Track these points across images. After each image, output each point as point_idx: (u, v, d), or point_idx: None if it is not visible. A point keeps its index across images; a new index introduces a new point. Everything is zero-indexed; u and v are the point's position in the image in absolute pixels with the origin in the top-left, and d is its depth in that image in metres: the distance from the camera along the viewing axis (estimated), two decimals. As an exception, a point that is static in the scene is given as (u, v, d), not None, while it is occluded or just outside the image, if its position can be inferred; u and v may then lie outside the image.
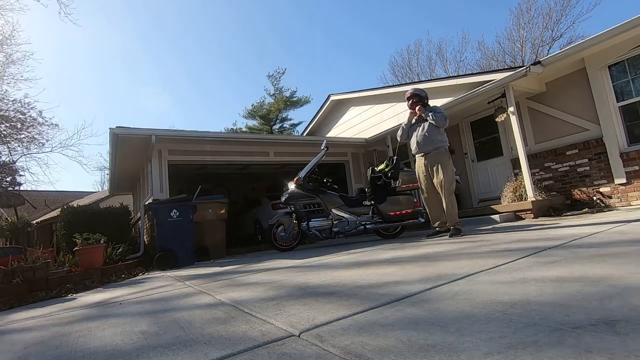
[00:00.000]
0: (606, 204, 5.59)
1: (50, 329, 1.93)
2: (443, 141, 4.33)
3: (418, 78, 24.68)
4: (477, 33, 43.70)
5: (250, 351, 1.11)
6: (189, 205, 5.53)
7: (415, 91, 4.51)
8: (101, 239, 4.76)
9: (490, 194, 7.33)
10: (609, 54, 5.48)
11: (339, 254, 3.75)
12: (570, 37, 20.13)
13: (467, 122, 7.86)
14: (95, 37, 44.15)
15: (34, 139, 12.08)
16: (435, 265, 2.22)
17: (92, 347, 1.41)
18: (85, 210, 7.03)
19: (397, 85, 11.58)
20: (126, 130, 6.26)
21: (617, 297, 1.13)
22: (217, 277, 3.16)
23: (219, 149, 7.58)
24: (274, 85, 24.79)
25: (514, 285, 1.45)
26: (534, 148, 6.54)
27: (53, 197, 18.41)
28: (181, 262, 5.14)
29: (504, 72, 6.15)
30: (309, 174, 5.32)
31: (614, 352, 0.76)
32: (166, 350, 1.23)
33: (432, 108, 4.43)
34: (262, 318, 1.48)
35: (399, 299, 1.47)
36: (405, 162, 8.60)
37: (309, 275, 2.49)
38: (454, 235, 4.05)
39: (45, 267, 3.72)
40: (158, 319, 1.74)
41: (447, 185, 4.20)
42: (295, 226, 5.25)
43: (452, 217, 4.20)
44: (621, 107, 5.55)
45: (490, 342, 0.91)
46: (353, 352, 0.97)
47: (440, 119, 4.26)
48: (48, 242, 12.90)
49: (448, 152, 4.34)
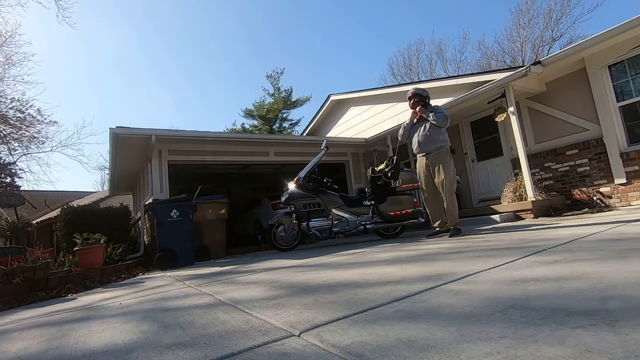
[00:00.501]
0: (606, 204, 5.59)
1: (50, 329, 1.93)
2: (444, 141, 4.33)
3: (418, 78, 24.70)
4: (478, 33, 43.78)
5: (250, 351, 1.10)
6: (189, 205, 5.53)
7: (416, 91, 4.50)
8: (101, 239, 4.76)
9: (490, 194, 7.33)
10: (609, 54, 5.48)
11: (339, 254, 3.75)
12: (571, 37, 20.16)
13: (467, 122, 7.86)
14: (95, 37, 44.18)
15: (34, 137, 12.08)
16: (435, 265, 2.22)
17: (92, 347, 1.41)
18: (85, 210, 7.03)
19: (397, 85, 11.58)
20: (126, 130, 6.26)
21: (617, 297, 1.13)
22: (217, 277, 3.16)
23: (219, 149, 7.58)
24: (273, 85, 24.85)
25: (514, 285, 1.45)
26: (534, 148, 6.54)
27: (53, 197, 18.41)
28: (181, 262, 5.14)
29: (504, 72, 6.15)
30: (309, 174, 5.32)
31: (614, 352, 0.76)
32: (166, 350, 1.23)
33: (433, 108, 4.42)
34: (262, 318, 1.48)
35: (399, 299, 1.47)
36: (405, 162, 8.61)
37: (309, 275, 2.49)
38: (454, 235, 4.05)
39: (45, 267, 3.72)
40: (158, 319, 1.74)
41: (448, 186, 4.20)
42: (295, 226, 5.25)
43: (452, 217, 4.20)
44: (621, 107, 5.55)
45: (490, 342, 0.91)
46: (353, 352, 0.97)
47: (441, 118, 4.26)
48: (48, 242, 12.89)
49: (449, 152, 4.34)
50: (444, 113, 4.31)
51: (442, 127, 4.31)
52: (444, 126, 4.31)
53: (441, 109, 4.38)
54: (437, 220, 4.44)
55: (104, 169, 27.21)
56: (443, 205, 4.31)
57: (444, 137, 4.34)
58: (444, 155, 4.28)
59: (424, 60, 28.59)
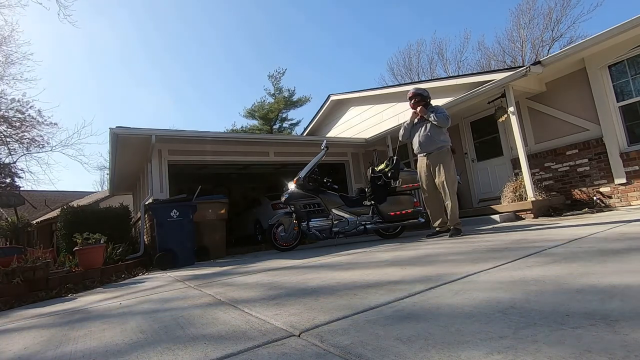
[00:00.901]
0: (606, 204, 5.59)
1: (50, 328, 1.93)
2: (445, 141, 4.33)
3: (418, 78, 24.71)
4: (478, 33, 43.79)
5: (250, 351, 1.11)
6: (189, 205, 5.53)
7: (417, 91, 4.50)
8: (101, 239, 4.76)
9: (490, 194, 7.33)
10: (609, 54, 5.48)
11: (339, 254, 3.75)
12: (571, 37, 20.17)
13: (467, 122, 7.86)
14: (95, 38, 44.18)
15: (34, 139, 12.08)
16: (435, 265, 2.22)
17: (92, 347, 1.41)
18: (85, 210, 7.03)
19: (397, 85, 11.58)
20: (126, 130, 6.26)
21: (617, 297, 1.13)
22: (217, 277, 3.16)
23: (219, 149, 7.58)
24: (274, 85, 24.85)
25: (514, 285, 1.45)
26: (534, 148, 6.54)
27: (53, 197, 18.40)
28: (181, 262, 5.14)
29: (504, 72, 6.15)
30: (309, 174, 5.32)
31: (614, 352, 0.76)
32: (166, 350, 1.23)
33: (434, 108, 4.42)
34: (262, 318, 1.48)
35: (399, 299, 1.47)
36: (405, 162, 8.61)
37: (309, 275, 2.49)
38: (454, 235, 4.06)
39: (46, 267, 3.72)
40: (158, 319, 1.74)
41: (449, 185, 4.20)
42: (295, 226, 5.25)
43: (453, 217, 4.20)
44: (621, 107, 5.55)
45: (490, 342, 0.91)
46: (353, 352, 0.97)
47: (442, 119, 4.26)
48: (48, 242, 12.89)
49: (450, 152, 4.34)
50: (444, 113, 4.30)
51: (443, 128, 4.32)
52: (445, 126, 4.31)
53: (442, 109, 4.38)
54: (437, 220, 4.44)
55: (104, 169, 27.21)
56: (443, 205, 4.31)
57: (444, 137, 4.34)
58: (445, 155, 4.28)
59: (424, 60, 28.62)
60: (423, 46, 33.12)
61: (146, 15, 45.21)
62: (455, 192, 4.28)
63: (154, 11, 44.74)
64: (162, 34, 48.90)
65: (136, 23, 46.58)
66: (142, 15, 44.91)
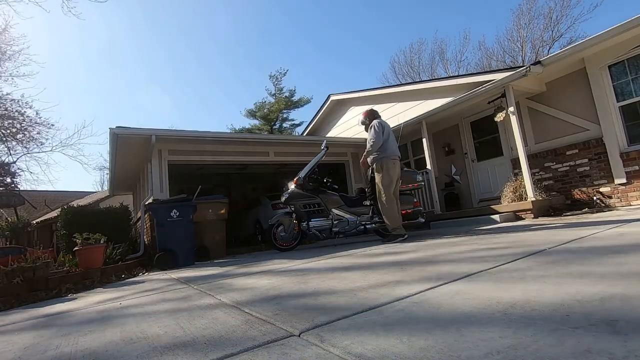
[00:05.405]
0: (606, 204, 5.59)
1: (51, 328, 1.93)
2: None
3: (419, 77, 24.72)
4: (478, 33, 43.76)
5: (250, 351, 1.11)
6: (189, 205, 5.53)
7: (360, 120, 5.07)
8: (101, 239, 4.75)
9: (490, 194, 7.32)
10: (609, 54, 5.48)
11: (339, 254, 3.75)
12: (571, 37, 20.18)
13: (467, 122, 7.86)
14: (95, 37, 44.17)
15: (33, 138, 12.07)
16: (435, 265, 2.22)
17: (93, 347, 1.41)
18: (85, 210, 7.02)
19: (397, 85, 11.56)
20: (126, 131, 6.26)
21: (617, 297, 1.13)
22: (217, 277, 3.16)
23: (219, 149, 7.58)
24: (275, 86, 24.85)
25: (514, 285, 1.45)
26: (534, 148, 6.53)
27: (53, 197, 18.39)
28: (181, 262, 5.14)
29: (504, 72, 6.15)
30: (309, 174, 5.31)
31: (613, 353, 0.76)
32: (166, 350, 1.23)
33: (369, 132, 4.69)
34: (262, 318, 1.48)
35: (399, 299, 1.47)
36: (406, 162, 8.61)
37: (309, 276, 2.49)
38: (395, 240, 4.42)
39: (45, 267, 3.72)
40: (158, 319, 1.74)
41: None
42: (296, 226, 5.25)
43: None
44: (621, 107, 5.55)
45: (490, 342, 0.91)
46: (353, 352, 0.98)
47: (371, 146, 4.58)
48: (48, 242, 12.88)
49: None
50: (369, 143, 4.61)
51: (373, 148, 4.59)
52: (375, 148, 4.58)
53: (370, 135, 4.63)
54: (399, 223, 4.62)
55: (104, 169, 27.20)
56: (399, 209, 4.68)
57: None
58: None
59: (425, 58, 28.63)
60: (424, 45, 33.08)
61: (147, 15, 45.22)
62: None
63: (155, 11, 44.74)
64: (163, 34, 48.91)
65: (136, 23, 46.60)
66: (141, 17, 44.91)
